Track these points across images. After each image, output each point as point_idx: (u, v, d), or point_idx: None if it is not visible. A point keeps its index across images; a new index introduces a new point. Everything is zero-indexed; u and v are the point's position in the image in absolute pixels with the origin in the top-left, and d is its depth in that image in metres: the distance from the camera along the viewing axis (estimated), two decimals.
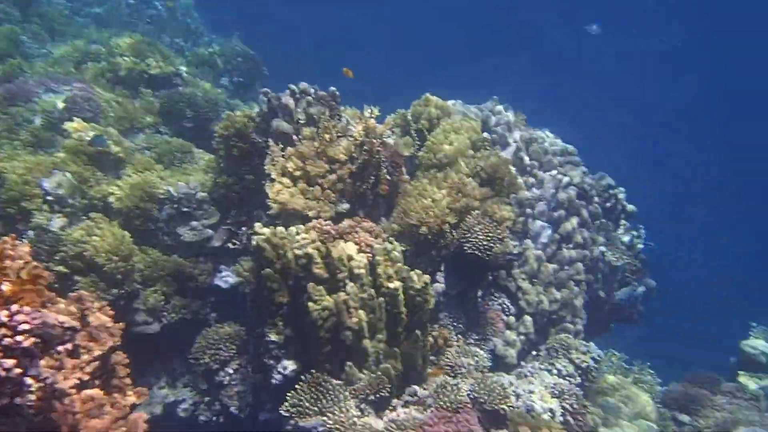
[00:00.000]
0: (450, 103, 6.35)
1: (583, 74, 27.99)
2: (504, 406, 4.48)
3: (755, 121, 26.86)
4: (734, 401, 6.62)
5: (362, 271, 4.28)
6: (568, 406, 4.99)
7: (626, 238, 7.11)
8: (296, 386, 4.06)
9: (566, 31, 27.14)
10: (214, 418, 4.57)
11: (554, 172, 6.20)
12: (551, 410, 4.83)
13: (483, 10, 27.87)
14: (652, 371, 7.14)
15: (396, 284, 4.37)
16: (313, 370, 4.14)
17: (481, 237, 5.29)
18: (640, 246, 7.23)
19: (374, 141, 5.01)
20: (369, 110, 5.23)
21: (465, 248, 5.31)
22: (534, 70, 26.73)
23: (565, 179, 6.22)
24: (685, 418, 6.38)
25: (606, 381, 6.49)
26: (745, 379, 6.98)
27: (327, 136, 5.10)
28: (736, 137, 27.58)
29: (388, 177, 5.39)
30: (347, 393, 4.11)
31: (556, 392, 5.08)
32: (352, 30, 27.79)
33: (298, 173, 4.94)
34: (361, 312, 4.20)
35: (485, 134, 5.94)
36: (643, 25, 27.95)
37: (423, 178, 5.65)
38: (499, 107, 6.34)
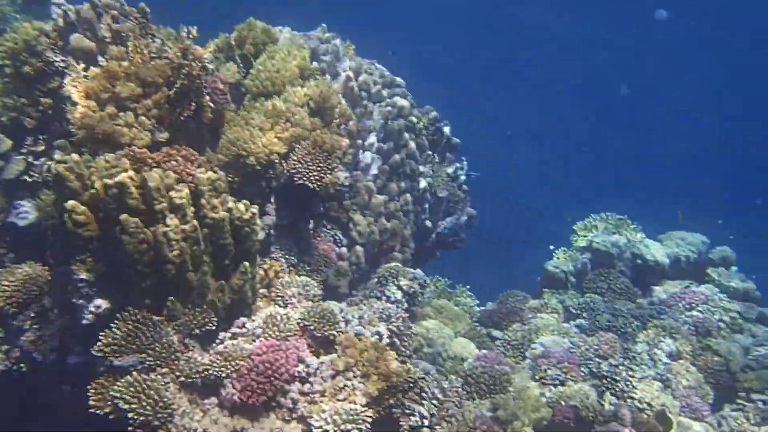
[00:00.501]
0: (277, 29, 6.07)
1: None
2: (333, 332, 4.57)
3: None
4: (539, 315, 7.44)
5: (183, 201, 4.00)
6: (394, 329, 5.22)
7: (450, 170, 7.50)
8: (111, 325, 3.75)
9: None
10: (14, 367, 4.10)
11: (383, 103, 6.27)
12: (378, 333, 5.02)
13: None
14: (471, 294, 7.75)
15: (221, 215, 4.18)
16: (131, 307, 3.86)
17: (311, 167, 5.23)
18: (463, 177, 7.68)
19: (193, 64, 4.63)
20: (186, 30, 4.82)
21: (295, 179, 5.22)
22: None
23: (394, 111, 6.33)
24: (497, 333, 7.04)
25: (431, 304, 6.92)
26: (548, 296, 7.84)
27: (138, 57, 4.62)
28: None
29: (212, 105, 5.06)
30: (169, 329, 3.90)
31: (384, 316, 5.28)
32: None
33: (105, 96, 4.43)
34: (183, 244, 3.96)
35: (314, 63, 5.79)
36: None
37: (250, 106, 5.40)
38: (328, 35, 6.21)
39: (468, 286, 7.85)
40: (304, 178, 5.19)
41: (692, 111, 29.15)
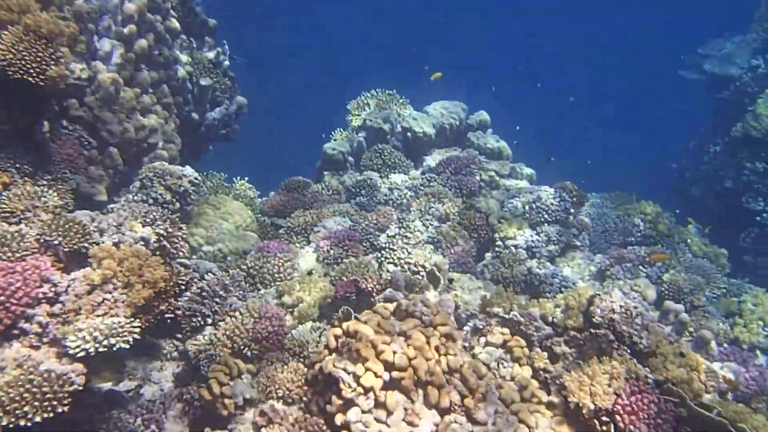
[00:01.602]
0: None
1: None
2: (85, 244, 4.08)
3: None
4: (321, 198, 7.52)
5: None
6: (162, 232, 4.85)
7: (211, 55, 6.91)
8: None
9: None
10: None
11: None
12: (144, 239, 4.62)
13: None
14: (251, 185, 7.51)
15: None
16: None
17: (28, 58, 4.37)
18: (227, 63, 7.14)
19: None
20: None
21: (9, 72, 4.33)
22: None
23: None
24: (281, 221, 6.99)
25: (208, 201, 6.57)
26: (328, 177, 7.93)
27: None
28: None
29: None
30: None
31: (149, 220, 4.86)
32: None
33: None
34: None
35: None
36: None
37: None
38: None
39: (247, 178, 7.58)
40: (22, 71, 4.34)
41: None
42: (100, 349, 3.54)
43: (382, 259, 6.39)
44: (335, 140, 8.28)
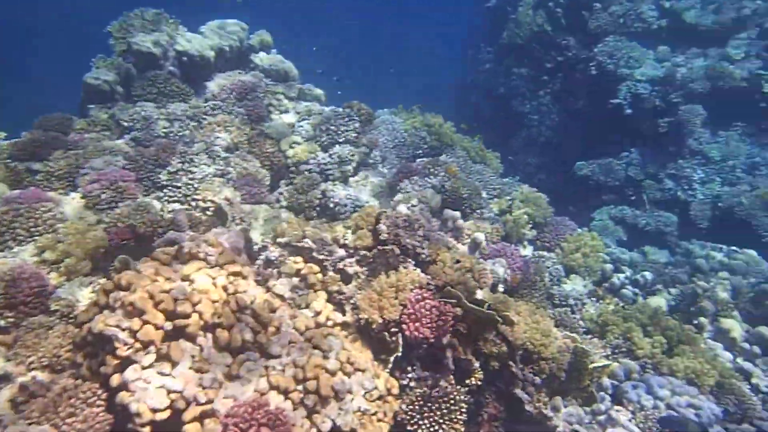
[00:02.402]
0: None
1: None
2: None
3: None
4: (86, 136, 6.61)
5: None
6: None
7: None
8: None
9: None
10: None
11: None
12: None
13: None
14: None
15: None
16: None
17: None
18: None
19: None
20: None
21: None
22: None
23: None
24: (38, 165, 6.01)
25: None
26: (94, 111, 6.89)
27: None
28: None
29: None
30: None
31: None
32: None
33: None
34: None
35: None
36: None
37: None
38: None
39: None
40: None
41: None
42: None
43: (165, 198, 5.87)
44: (98, 68, 7.23)
